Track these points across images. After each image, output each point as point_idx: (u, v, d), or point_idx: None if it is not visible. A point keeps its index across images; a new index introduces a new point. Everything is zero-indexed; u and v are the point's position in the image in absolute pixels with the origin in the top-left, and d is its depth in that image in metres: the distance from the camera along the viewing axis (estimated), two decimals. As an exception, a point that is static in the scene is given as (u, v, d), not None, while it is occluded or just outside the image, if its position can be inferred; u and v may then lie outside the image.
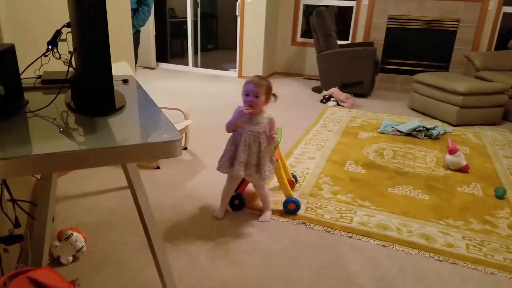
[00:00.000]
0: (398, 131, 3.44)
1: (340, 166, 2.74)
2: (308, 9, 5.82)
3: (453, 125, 3.76)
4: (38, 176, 1.72)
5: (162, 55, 6.41)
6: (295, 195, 2.24)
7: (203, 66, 6.25)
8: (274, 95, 1.90)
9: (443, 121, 3.87)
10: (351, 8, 5.64)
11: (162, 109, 1.50)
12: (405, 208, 2.19)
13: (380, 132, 3.48)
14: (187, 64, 6.27)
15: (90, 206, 2.10)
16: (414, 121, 3.49)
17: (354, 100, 4.52)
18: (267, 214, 2.05)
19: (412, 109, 4.36)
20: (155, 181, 2.42)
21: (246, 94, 1.82)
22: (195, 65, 6.27)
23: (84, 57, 1.22)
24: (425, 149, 3.11)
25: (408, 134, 3.40)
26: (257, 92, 1.80)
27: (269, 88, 1.86)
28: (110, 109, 1.24)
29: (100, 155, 1.07)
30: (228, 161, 1.90)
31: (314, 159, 2.85)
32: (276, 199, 2.22)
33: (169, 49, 6.56)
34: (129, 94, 1.67)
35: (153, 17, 5.93)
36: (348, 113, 4.13)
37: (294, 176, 2.42)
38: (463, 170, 2.69)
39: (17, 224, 1.37)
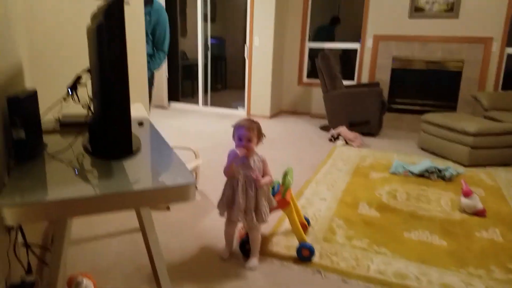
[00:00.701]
0: (410, 172, 3.40)
1: (353, 208, 2.69)
2: (313, 51, 5.99)
3: (465, 166, 3.72)
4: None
5: (174, 95, 6.56)
6: (308, 239, 2.18)
7: (213, 105, 6.36)
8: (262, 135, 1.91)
9: (454, 162, 3.84)
10: (355, 50, 5.78)
11: (173, 149, 1.50)
12: (422, 255, 2.11)
13: (391, 173, 3.44)
14: (197, 103, 6.38)
15: (101, 250, 2.05)
16: (426, 162, 3.45)
17: (362, 139, 4.52)
18: (255, 261, 1.95)
19: (422, 148, 4.34)
20: (164, 222, 2.37)
21: (239, 139, 1.82)
22: (205, 104, 6.38)
23: (104, 102, 1.23)
24: (439, 191, 3.05)
25: (420, 175, 3.36)
26: (250, 136, 1.80)
27: (259, 130, 1.86)
28: (126, 152, 1.24)
29: (115, 200, 1.06)
30: (226, 205, 1.89)
31: (325, 200, 2.80)
32: (289, 245, 2.15)
33: (181, 89, 6.72)
34: (144, 137, 1.68)
35: (166, 60, 6.12)
36: (357, 153, 4.11)
37: (307, 219, 2.36)
38: (479, 213, 2.62)
39: (29, 270, 1.33)
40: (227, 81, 7.06)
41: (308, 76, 6.14)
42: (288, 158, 3.83)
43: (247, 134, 1.80)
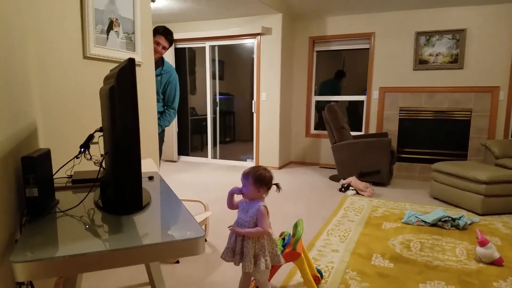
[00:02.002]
0: (423, 221, 3.33)
1: (366, 260, 2.62)
2: (320, 104, 6.16)
3: (479, 214, 3.63)
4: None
5: (183, 149, 6.72)
6: (320, 293, 2.12)
7: (222, 157, 6.47)
8: (276, 185, 1.89)
9: (468, 210, 3.76)
10: (361, 102, 5.93)
11: (183, 201, 1.53)
12: (441, 308, 2.02)
13: (404, 223, 3.38)
14: (206, 156, 6.50)
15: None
16: (438, 211, 3.39)
17: (373, 189, 4.48)
18: None
19: (434, 197, 4.27)
20: (173, 277, 2.33)
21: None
22: (214, 157, 6.49)
23: (116, 159, 1.29)
24: (453, 241, 2.97)
25: (433, 224, 3.29)
26: (245, 183, 1.84)
27: (258, 180, 1.82)
28: (136, 207, 1.27)
29: (123, 255, 1.07)
30: (230, 251, 1.86)
31: (338, 251, 2.75)
32: (301, 298, 2.09)
33: (190, 143, 6.89)
34: (154, 191, 1.72)
35: (176, 116, 6.35)
36: (369, 203, 4.07)
37: (319, 271, 2.31)
38: (496, 263, 2.52)
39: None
40: (235, 134, 7.25)
41: (316, 127, 6.25)
42: (298, 209, 3.81)
43: (243, 180, 1.84)
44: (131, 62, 1.20)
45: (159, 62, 3.10)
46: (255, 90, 5.88)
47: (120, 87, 1.21)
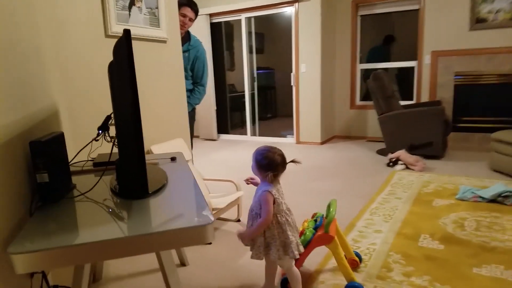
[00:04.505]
0: (480, 197, 3.01)
1: (413, 241, 2.40)
2: (367, 73, 5.76)
3: (549, 188, 3.22)
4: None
5: (223, 127, 6.68)
6: (359, 278, 1.96)
7: (262, 134, 6.37)
8: (292, 161, 1.75)
9: (535, 184, 3.35)
10: (412, 68, 5.46)
11: (215, 181, 1.44)
12: (498, 297, 1.78)
13: (458, 199, 3.07)
14: (246, 133, 6.42)
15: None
16: (499, 185, 3.04)
17: (425, 163, 4.14)
18: None
19: (495, 170, 3.86)
20: (203, 258, 2.29)
21: None
22: (254, 134, 6.40)
23: (119, 141, 1.21)
24: (517, 219, 2.64)
25: (492, 200, 2.96)
26: (252, 165, 1.74)
27: (257, 163, 1.69)
28: (142, 192, 1.19)
29: (120, 245, 1.00)
30: None
31: (381, 232, 2.55)
32: (336, 283, 1.95)
33: (229, 120, 6.84)
34: (173, 173, 1.64)
35: (214, 93, 6.30)
36: (419, 178, 3.77)
37: (358, 255, 2.14)
38: None
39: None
40: (277, 109, 7.09)
41: (364, 98, 5.90)
42: (339, 187, 3.62)
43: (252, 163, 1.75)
44: (126, 34, 1.08)
45: (186, 37, 2.99)
46: (293, 61, 5.62)
47: (117, 62, 1.11)
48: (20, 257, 0.94)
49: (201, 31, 5.99)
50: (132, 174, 1.16)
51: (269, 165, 1.67)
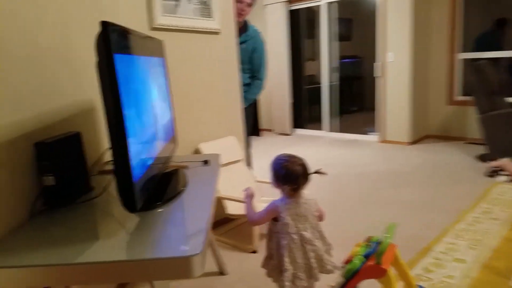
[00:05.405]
0: None
1: (503, 278, 1.89)
2: (469, 63, 4.91)
3: None
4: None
5: (299, 121, 6.34)
6: (421, 323, 1.58)
7: (342, 130, 5.87)
8: (317, 172, 1.50)
9: None
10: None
11: (261, 183, 1.23)
12: None
13: None
14: (323, 129, 6.01)
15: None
16: None
17: (537, 176, 3.36)
18: None
19: None
20: (245, 268, 2.11)
21: None
22: (332, 129, 5.95)
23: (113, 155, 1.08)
24: None
25: None
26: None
27: (272, 173, 1.47)
28: (130, 206, 1.04)
29: (90, 271, 0.88)
30: None
31: (463, 262, 2.07)
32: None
33: (306, 114, 6.47)
34: (198, 179, 1.49)
35: (290, 85, 5.99)
36: (526, 194, 3.05)
37: (423, 290, 1.74)
38: None
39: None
40: (364, 102, 6.48)
41: (464, 94, 5.07)
42: (422, 197, 3.10)
43: None
44: (104, 26, 0.92)
45: (243, 28, 2.76)
46: (378, 50, 5.05)
47: (99, 59, 0.96)
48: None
49: (277, 19, 5.75)
50: (118, 182, 1.03)
51: (288, 176, 1.42)
